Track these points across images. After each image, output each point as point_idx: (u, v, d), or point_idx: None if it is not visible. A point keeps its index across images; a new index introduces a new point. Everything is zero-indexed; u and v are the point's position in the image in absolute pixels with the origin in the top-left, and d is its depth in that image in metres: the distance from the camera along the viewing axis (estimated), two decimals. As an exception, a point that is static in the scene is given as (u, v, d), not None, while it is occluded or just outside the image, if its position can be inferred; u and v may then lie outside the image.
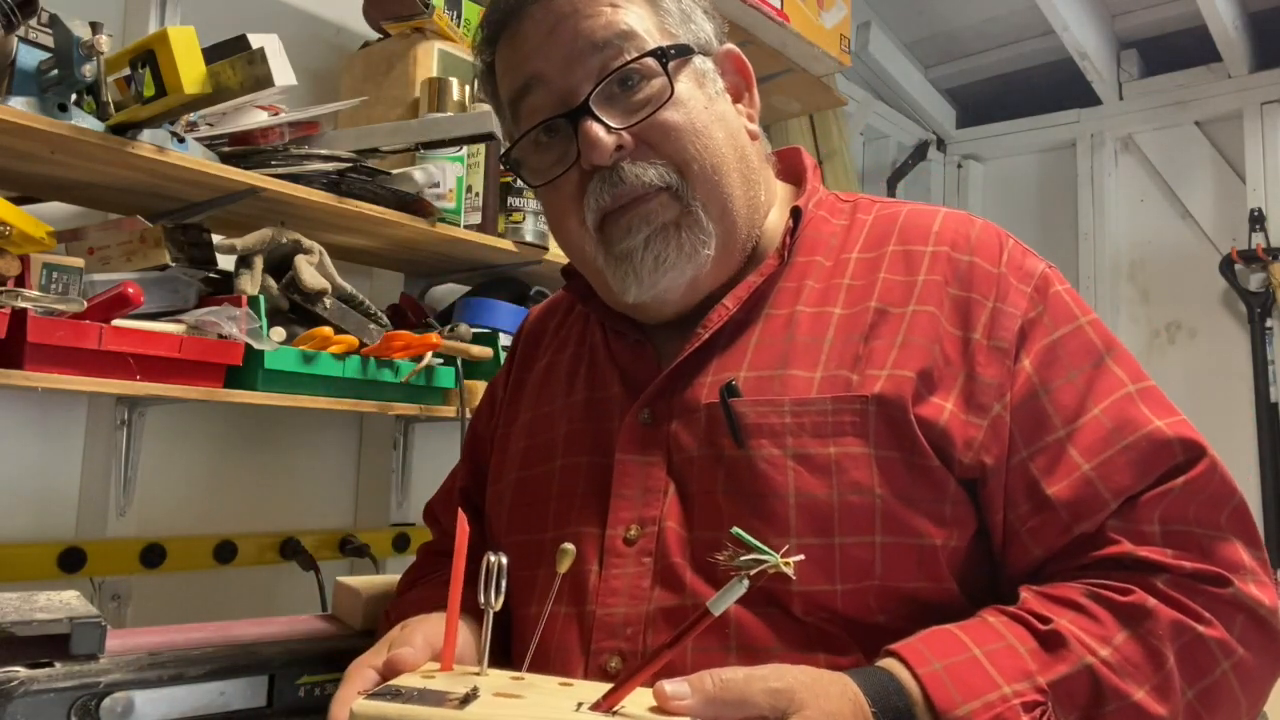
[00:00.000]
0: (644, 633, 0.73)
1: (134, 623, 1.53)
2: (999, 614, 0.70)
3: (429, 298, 1.97)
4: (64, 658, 0.75)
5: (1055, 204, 3.34)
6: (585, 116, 0.77)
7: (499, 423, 0.96)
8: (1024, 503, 0.73)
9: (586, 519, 0.79)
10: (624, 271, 0.79)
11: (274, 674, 0.84)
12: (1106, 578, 0.70)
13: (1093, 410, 0.73)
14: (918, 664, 0.65)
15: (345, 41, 1.92)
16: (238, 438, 1.75)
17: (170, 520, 1.63)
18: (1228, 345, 2.95)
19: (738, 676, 0.60)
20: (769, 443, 0.73)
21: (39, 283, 1.20)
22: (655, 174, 0.77)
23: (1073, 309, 0.78)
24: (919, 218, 0.83)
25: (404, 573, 1.00)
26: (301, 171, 1.42)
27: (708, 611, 0.58)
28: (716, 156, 0.79)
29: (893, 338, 0.75)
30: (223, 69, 1.21)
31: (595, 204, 0.78)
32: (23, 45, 1.16)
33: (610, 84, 0.78)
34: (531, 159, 0.83)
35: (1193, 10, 2.77)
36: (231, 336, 1.30)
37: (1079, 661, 0.66)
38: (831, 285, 0.80)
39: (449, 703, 0.55)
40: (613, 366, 0.86)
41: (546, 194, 0.84)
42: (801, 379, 0.75)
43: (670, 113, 0.78)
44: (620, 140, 0.77)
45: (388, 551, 1.86)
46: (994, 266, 0.78)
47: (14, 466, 1.48)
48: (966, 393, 0.73)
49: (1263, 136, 2.92)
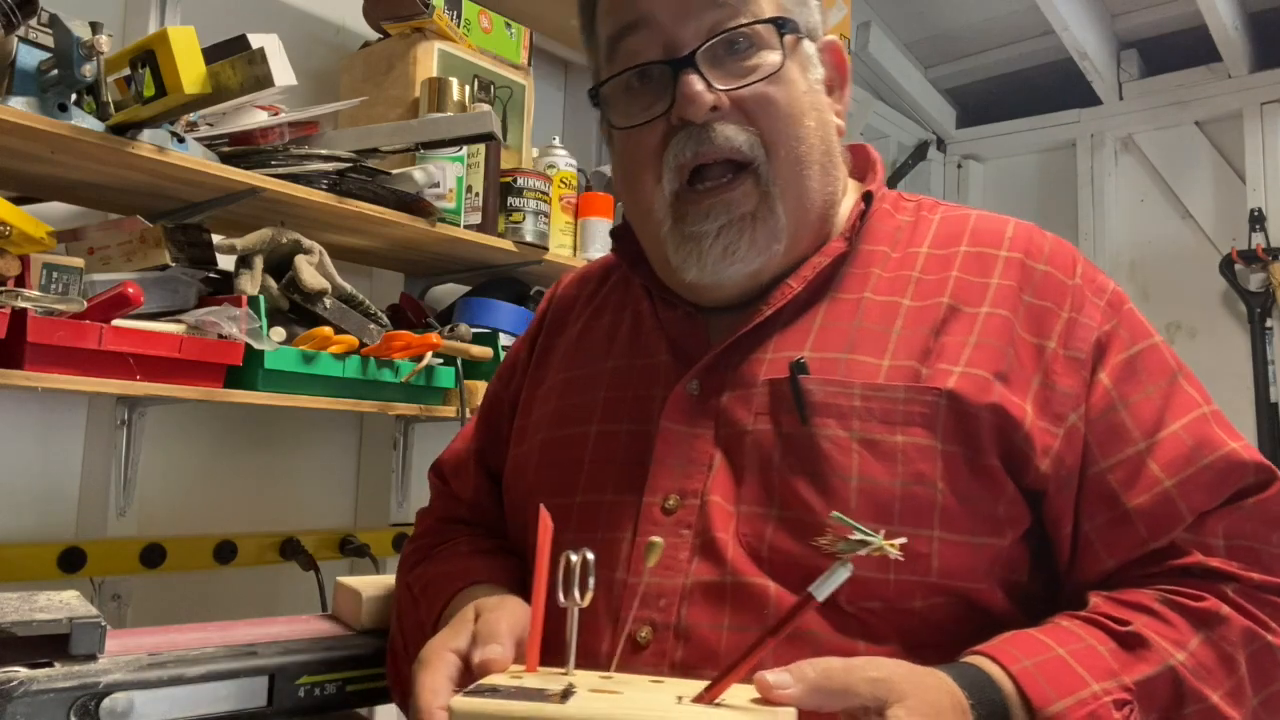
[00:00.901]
0: (679, 605, 0.72)
1: (134, 623, 1.53)
2: (1071, 618, 0.71)
3: (429, 298, 1.97)
4: (64, 658, 0.75)
5: (1055, 204, 3.34)
6: (688, 69, 0.75)
7: (522, 385, 0.94)
8: (1101, 514, 0.73)
9: (621, 485, 0.78)
10: (689, 251, 0.78)
11: (274, 674, 0.84)
12: (1177, 585, 0.71)
13: (1171, 426, 0.74)
14: (1009, 661, 0.65)
15: (345, 41, 1.92)
16: (238, 438, 1.75)
17: (170, 520, 1.63)
18: (1228, 345, 2.95)
19: (836, 665, 0.60)
20: (835, 423, 0.73)
21: (39, 283, 1.20)
22: (745, 140, 0.76)
23: (1145, 326, 0.80)
24: (991, 223, 0.83)
25: (411, 538, 0.98)
26: (301, 171, 1.42)
27: (810, 597, 0.58)
28: (804, 145, 0.78)
29: (965, 335, 0.75)
30: (223, 69, 1.21)
31: (675, 160, 0.77)
32: (23, 45, 1.16)
33: (720, 42, 0.76)
34: (620, 100, 0.81)
35: (1193, 10, 2.77)
36: (231, 336, 1.30)
37: (1162, 663, 0.67)
38: (900, 276, 0.80)
39: (550, 698, 0.55)
40: (660, 335, 0.85)
41: (625, 141, 0.81)
42: (868, 365, 0.75)
43: (774, 87, 0.76)
44: (718, 101, 0.75)
45: (388, 551, 1.86)
46: (1069, 278, 0.79)
47: (14, 466, 1.48)
48: (1041, 400, 0.74)
49: (1263, 136, 2.92)
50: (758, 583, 0.71)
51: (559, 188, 1.86)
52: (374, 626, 0.94)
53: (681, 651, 0.71)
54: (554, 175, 1.85)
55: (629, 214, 0.86)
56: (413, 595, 0.86)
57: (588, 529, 0.78)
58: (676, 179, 0.77)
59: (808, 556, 0.70)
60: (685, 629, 0.71)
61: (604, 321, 0.91)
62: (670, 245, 0.79)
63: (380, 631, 0.94)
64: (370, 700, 0.91)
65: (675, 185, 0.77)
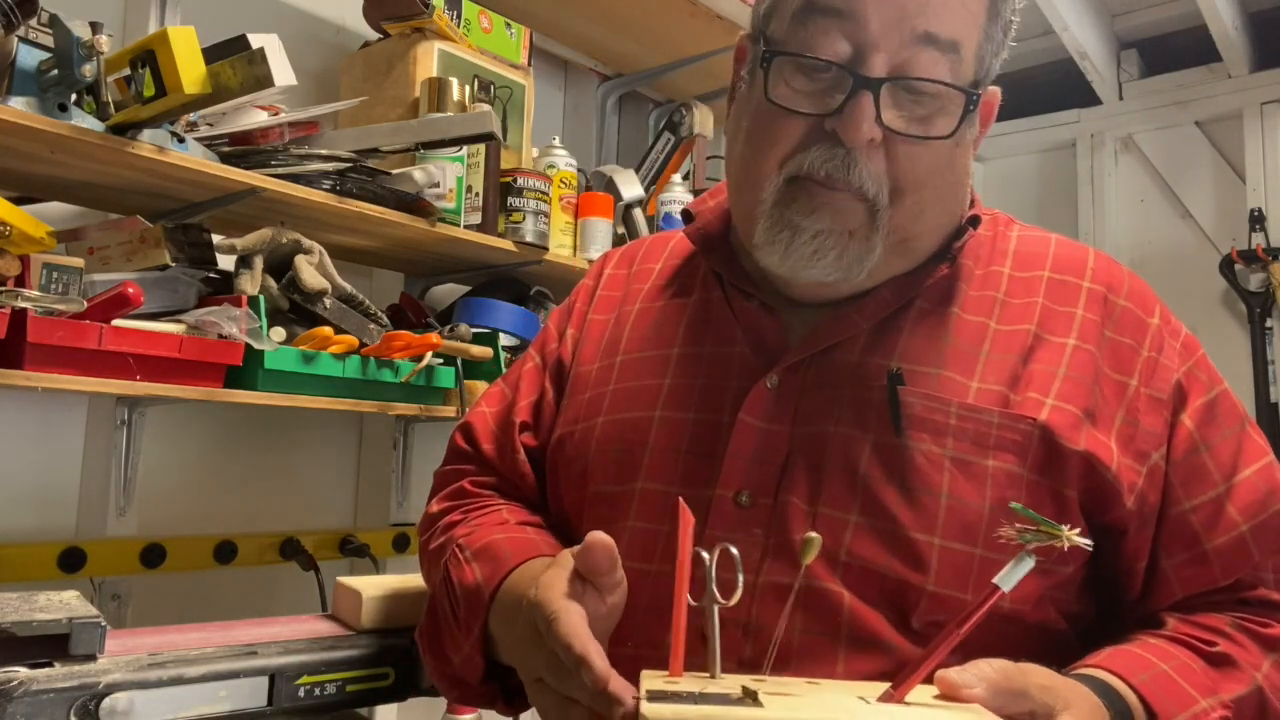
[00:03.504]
0: (750, 604, 0.71)
1: (134, 623, 1.53)
2: (1156, 637, 0.73)
3: (429, 298, 1.97)
4: (64, 658, 0.75)
5: (1055, 204, 3.34)
6: (868, 92, 0.72)
7: (570, 362, 0.92)
8: (1180, 552, 0.75)
9: (689, 476, 0.77)
10: (778, 237, 0.76)
11: (274, 674, 0.84)
12: (1243, 612, 0.74)
13: (1245, 471, 0.77)
14: (1129, 674, 0.67)
15: (345, 41, 1.92)
16: (238, 438, 1.75)
17: (170, 520, 1.63)
18: (1228, 345, 2.95)
19: (1012, 668, 0.60)
20: (930, 439, 0.73)
21: (39, 283, 1.20)
22: (874, 189, 0.74)
23: (1216, 372, 0.82)
24: (1072, 250, 0.84)
25: (439, 496, 0.94)
26: (301, 171, 1.42)
27: (996, 587, 0.58)
28: (931, 201, 0.77)
29: (1052, 366, 0.76)
30: (223, 69, 1.21)
31: (806, 166, 0.74)
32: (23, 45, 1.16)
33: (907, 82, 0.73)
34: (785, 69, 0.76)
35: (1193, 10, 2.77)
36: (231, 336, 1.30)
37: (1252, 682, 0.70)
38: (985, 296, 0.80)
39: (741, 703, 0.54)
40: (733, 325, 0.83)
41: (766, 113, 0.76)
42: (958, 383, 0.75)
43: (930, 153, 0.75)
44: (874, 136, 0.73)
45: (388, 551, 1.86)
46: (1149, 317, 0.80)
47: (14, 466, 1.48)
48: (1125, 437, 0.75)
49: (1263, 136, 2.92)
50: (832, 589, 0.71)
51: (559, 188, 1.86)
52: (374, 626, 0.94)
53: (750, 649, 0.70)
54: (554, 175, 1.85)
55: (731, 176, 0.83)
56: (461, 558, 0.82)
57: (651, 518, 0.77)
58: (798, 170, 0.75)
59: (886, 565, 0.70)
60: (755, 627, 0.71)
61: (664, 305, 0.89)
62: (763, 224, 0.76)
63: (380, 631, 0.94)
64: (370, 700, 0.91)
65: (794, 173, 0.75)
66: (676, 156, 2.16)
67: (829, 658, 0.70)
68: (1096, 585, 0.78)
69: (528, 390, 0.94)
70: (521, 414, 0.92)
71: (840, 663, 0.70)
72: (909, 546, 0.70)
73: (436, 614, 0.84)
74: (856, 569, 0.71)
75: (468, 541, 0.83)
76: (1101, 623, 0.78)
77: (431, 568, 0.88)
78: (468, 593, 0.79)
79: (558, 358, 0.93)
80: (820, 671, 0.69)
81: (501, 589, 0.77)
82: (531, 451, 0.91)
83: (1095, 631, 0.77)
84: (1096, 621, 0.78)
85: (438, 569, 0.85)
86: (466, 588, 0.79)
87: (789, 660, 0.69)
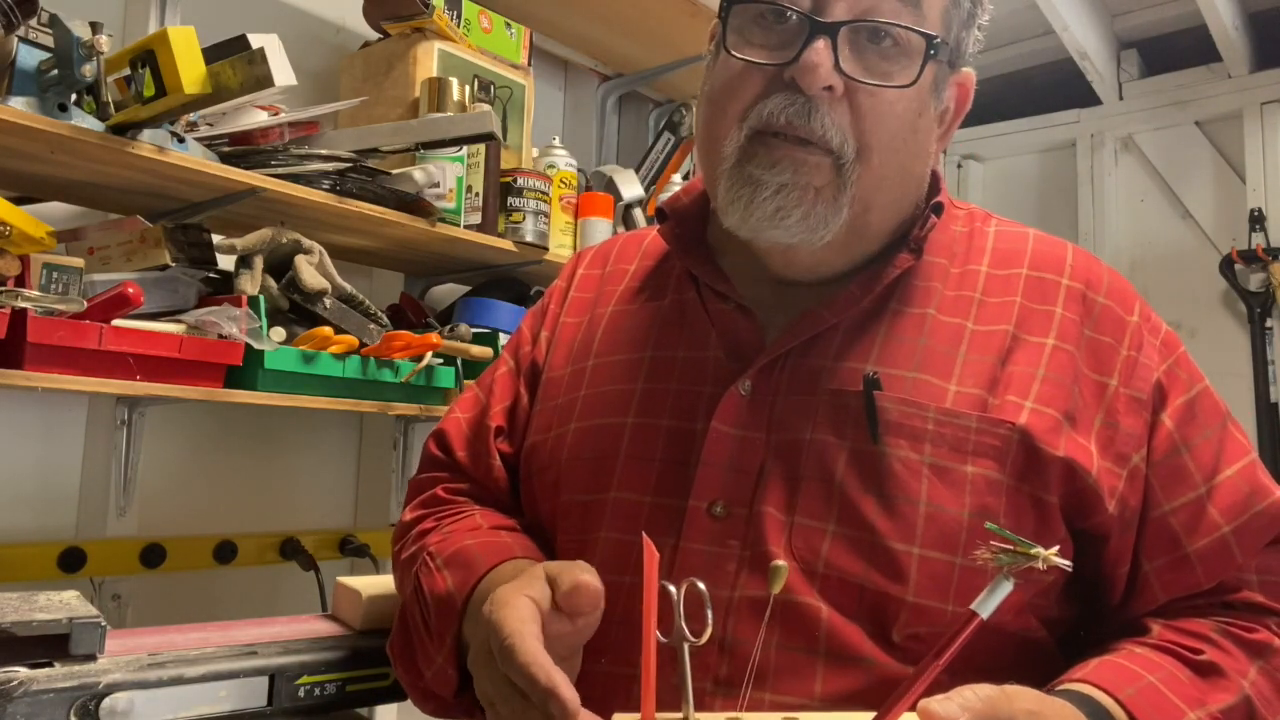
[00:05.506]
0: (725, 619, 0.69)
1: (134, 623, 1.53)
2: (1141, 645, 0.71)
3: (429, 298, 1.97)
4: (64, 658, 0.75)
5: (1055, 204, 3.34)
6: (824, 36, 0.70)
7: (541, 366, 0.89)
8: (1162, 556, 0.74)
9: (662, 486, 0.75)
10: (738, 195, 0.73)
11: (274, 674, 0.84)
12: (1226, 616, 0.73)
13: (1226, 471, 0.75)
14: (1116, 689, 0.66)
15: (345, 41, 1.92)
16: (238, 438, 1.75)
17: (170, 520, 1.63)
18: (1228, 345, 2.95)
19: (995, 694, 0.58)
20: (907, 445, 0.71)
21: (39, 283, 1.20)
22: (838, 140, 0.71)
23: (1197, 370, 0.80)
24: (1050, 246, 0.82)
25: (412, 505, 0.91)
26: (302, 171, 1.42)
27: (974, 614, 0.56)
28: (895, 167, 0.75)
29: (1031, 367, 0.74)
30: (223, 69, 1.21)
31: (766, 112, 0.72)
32: (23, 45, 1.16)
33: (868, 28, 0.71)
34: (744, 22, 0.74)
35: (1193, 10, 2.77)
36: (231, 336, 1.30)
37: (1239, 691, 0.69)
38: (962, 296, 0.78)
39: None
40: (708, 327, 0.80)
41: (727, 67, 0.75)
42: (935, 387, 0.73)
43: (895, 100, 0.72)
44: (833, 83, 0.70)
45: (388, 552, 1.85)
46: (1129, 315, 0.79)
47: (14, 466, 1.48)
48: (1104, 439, 0.73)
49: (1263, 136, 2.92)
50: (810, 603, 0.69)
51: (559, 188, 1.86)
52: (374, 626, 0.94)
53: (726, 668, 0.69)
54: (554, 175, 1.85)
55: (699, 137, 0.80)
56: (431, 566, 0.79)
57: (624, 529, 0.75)
58: (758, 123, 0.72)
59: (864, 576, 0.69)
60: (731, 644, 0.69)
61: (638, 308, 0.86)
62: (724, 183, 0.74)
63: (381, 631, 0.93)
64: (370, 700, 0.91)
65: (756, 126, 0.73)
66: (676, 156, 2.17)
67: (807, 674, 0.68)
68: (1078, 590, 0.76)
69: (501, 395, 0.92)
70: (496, 419, 0.90)
71: (818, 680, 0.68)
72: (888, 556, 0.69)
73: (408, 625, 0.82)
74: (835, 581, 0.69)
75: (439, 549, 0.80)
76: (1084, 626, 0.77)
77: (403, 577, 0.85)
78: (439, 601, 0.76)
79: (531, 361, 0.91)
80: (798, 689, 0.67)
81: (474, 595, 0.74)
82: (507, 458, 0.89)
83: (1077, 636, 0.76)
84: (1078, 625, 0.77)
85: (409, 579, 0.82)
86: (438, 596, 0.77)
87: (766, 678, 0.68)
